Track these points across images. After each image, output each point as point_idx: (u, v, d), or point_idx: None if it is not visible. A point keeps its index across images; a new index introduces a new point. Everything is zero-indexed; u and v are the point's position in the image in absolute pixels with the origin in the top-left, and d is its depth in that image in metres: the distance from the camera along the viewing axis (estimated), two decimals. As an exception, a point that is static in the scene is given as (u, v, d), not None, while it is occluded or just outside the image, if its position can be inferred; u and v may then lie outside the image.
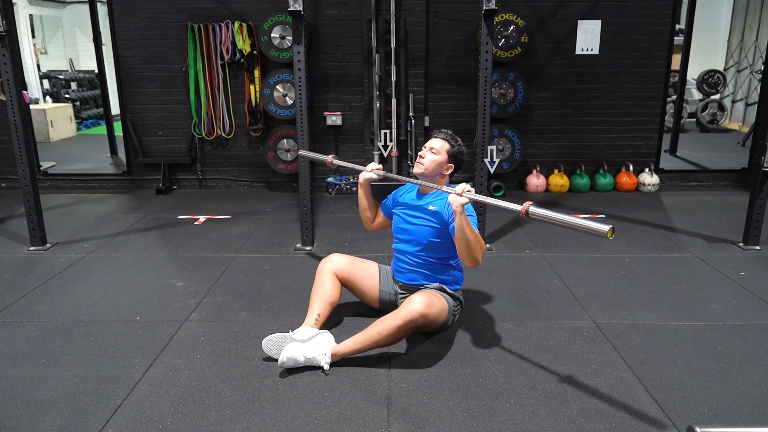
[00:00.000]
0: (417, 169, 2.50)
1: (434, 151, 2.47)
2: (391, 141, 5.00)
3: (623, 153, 5.52)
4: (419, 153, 2.53)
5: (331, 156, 2.96)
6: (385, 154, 4.98)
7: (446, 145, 2.48)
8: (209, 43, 5.14)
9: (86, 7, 6.28)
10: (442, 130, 2.56)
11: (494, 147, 3.46)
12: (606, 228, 1.81)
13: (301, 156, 3.47)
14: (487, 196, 2.48)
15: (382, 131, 4.91)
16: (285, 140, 5.29)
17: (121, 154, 6.12)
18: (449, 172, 2.51)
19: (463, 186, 2.23)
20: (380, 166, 2.67)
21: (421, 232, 2.49)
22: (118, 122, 5.85)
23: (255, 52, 5.18)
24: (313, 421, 1.96)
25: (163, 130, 5.50)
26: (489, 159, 3.48)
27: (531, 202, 2.04)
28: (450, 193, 2.24)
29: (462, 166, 2.57)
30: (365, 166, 2.67)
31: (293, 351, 2.22)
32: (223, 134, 5.41)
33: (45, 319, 2.75)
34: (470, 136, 4.98)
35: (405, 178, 2.59)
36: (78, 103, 9.95)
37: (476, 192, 2.32)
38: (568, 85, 5.35)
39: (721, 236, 3.96)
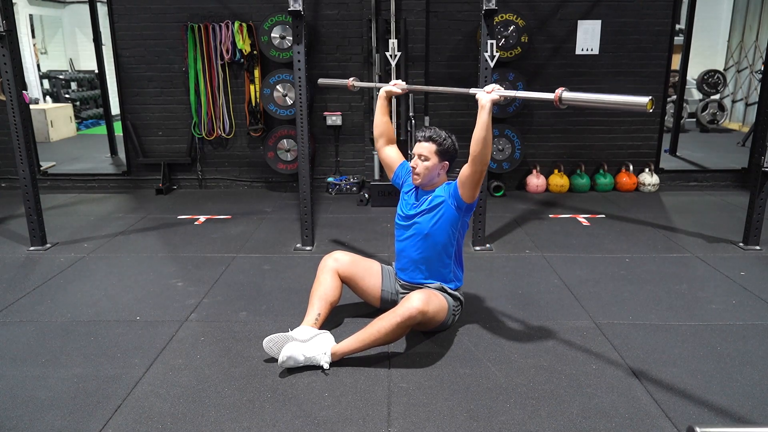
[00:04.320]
0: (414, 182, 2.50)
1: (423, 158, 2.44)
2: (399, 51, 4.86)
3: (623, 153, 5.52)
4: (410, 164, 2.50)
5: (351, 79, 2.96)
6: (393, 64, 4.86)
7: (433, 147, 2.44)
8: (209, 43, 5.14)
9: (86, 7, 6.29)
10: (424, 128, 2.50)
11: (494, 41, 3.34)
12: (645, 99, 1.73)
13: (320, 84, 3.42)
14: (488, 195, 2.47)
15: (390, 41, 4.78)
16: (285, 140, 5.29)
17: (121, 154, 6.11)
18: (446, 170, 2.51)
19: (493, 85, 2.27)
20: (404, 82, 2.69)
21: (422, 220, 2.48)
22: (118, 122, 5.86)
23: (255, 52, 5.18)
24: (313, 421, 1.96)
25: (163, 130, 5.50)
26: (490, 53, 3.36)
27: (564, 88, 1.98)
28: (478, 91, 2.26)
29: (456, 155, 2.52)
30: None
31: (293, 350, 2.23)
32: (223, 134, 5.41)
33: (45, 319, 2.75)
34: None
35: (429, 88, 2.57)
36: (78, 103, 9.95)
37: (496, 84, 2.31)
38: (568, 85, 5.27)
39: (721, 236, 3.96)
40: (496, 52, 3.34)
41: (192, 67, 5.18)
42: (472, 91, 2.34)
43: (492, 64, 3.41)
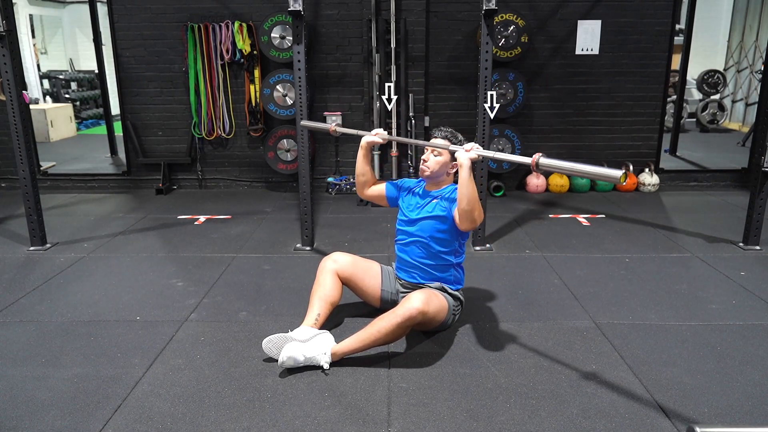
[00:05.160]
0: (422, 173, 2.51)
1: (436, 153, 2.47)
2: (395, 94, 4.91)
3: (623, 153, 5.52)
4: (422, 157, 2.53)
5: (334, 124, 2.95)
6: (389, 107, 4.90)
7: (448, 145, 2.48)
8: (209, 43, 5.14)
9: (86, 7, 6.29)
10: (441, 129, 2.54)
11: (494, 92, 3.43)
12: (619, 173, 1.79)
13: (302, 126, 3.44)
14: (488, 195, 2.48)
15: (386, 84, 4.84)
16: (285, 140, 5.29)
17: (121, 154, 6.11)
18: (455, 170, 2.51)
19: (473, 144, 2.30)
20: (385, 132, 2.67)
21: (426, 223, 2.48)
22: (118, 122, 5.85)
23: (255, 52, 5.18)
24: (313, 421, 1.96)
25: (163, 130, 5.50)
26: (489, 104, 3.43)
27: (541, 153, 2.04)
28: (458, 150, 2.29)
29: None
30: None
31: (293, 350, 2.23)
32: (223, 134, 5.41)
33: (45, 319, 2.75)
34: (470, 136, 4.95)
35: (410, 140, 2.59)
36: (78, 103, 9.95)
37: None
38: (568, 85, 5.35)
39: (721, 236, 3.96)
40: (496, 103, 3.46)
41: (192, 67, 5.18)
42: (452, 148, 2.40)
43: (492, 115, 3.49)
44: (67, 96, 9.81)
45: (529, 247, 3.80)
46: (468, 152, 2.27)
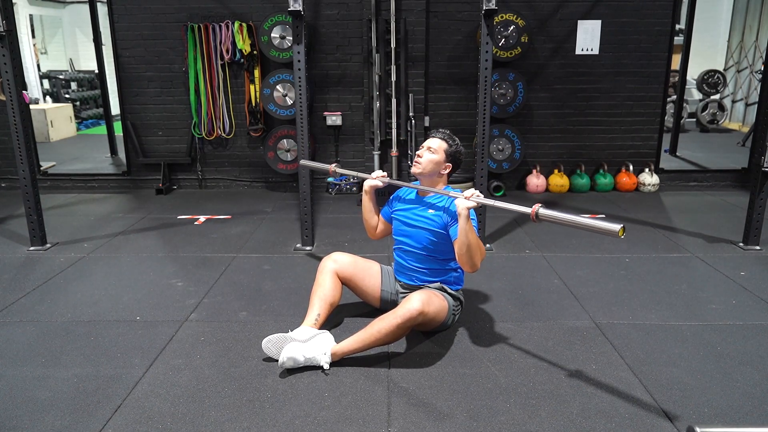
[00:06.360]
0: (415, 168, 2.49)
1: (432, 150, 2.47)
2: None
3: (623, 153, 5.52)
4: (417, 153, 2.52)
5: (333, 165, 2.94)
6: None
7: (444, 144, 2.48)
8: (209, 43, 5.14)
9: (86, 7, 6.29)
10: (440, 130, 2.55)
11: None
12: (617, 227, 1.81)
13: (302, 166, 3.46)
14: (489, 196, 2.47)
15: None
16: (285, 140, 5.29)
17: (121, 154, 6.12)
18: (447, 171, 2.51)
19: (473, 191, 2.24)
20: (385, 173, 2.65)
21: (420, 234, 2.49)
22: (118, 122, 5.86)
23: (255, 52, 5.18)
24: (313, 421, 1.96)
25: (163, 130, 5.50)
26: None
27: (540, 204, 2.05)
28: (458, 197, 2.24)
29: (460, 165, 2.56)
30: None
31: (293, 351, 2.22)
32: (223, 134, 5.41)
33: (45, 319, 2.75)
34: (470, 136, 4.99)
35: (410, 185, 2.59)
36: (78, 103, 9.95)
37: (477, 191, 2.32)
38: (568, 85, 5.35)
39: (721, 236, 3.96)
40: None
41: (192, 67, 5.18)
42: (452, 193, 2.36)
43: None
44: (67, 96, 9.81)
45: (529, 247, 3.80)
46: (468, 199, 2.20)
